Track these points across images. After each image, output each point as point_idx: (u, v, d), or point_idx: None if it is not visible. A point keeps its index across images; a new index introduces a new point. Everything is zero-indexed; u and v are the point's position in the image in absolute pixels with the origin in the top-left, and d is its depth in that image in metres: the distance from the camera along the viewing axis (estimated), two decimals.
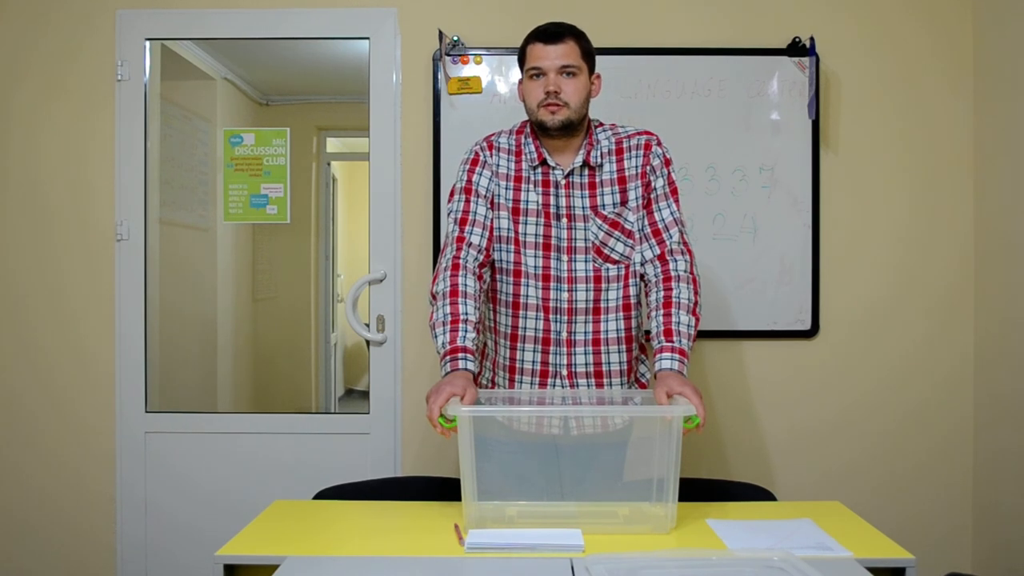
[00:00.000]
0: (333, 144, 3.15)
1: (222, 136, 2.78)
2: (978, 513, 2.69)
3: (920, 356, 2.72)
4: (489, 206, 1.90)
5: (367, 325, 2.74)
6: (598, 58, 1.91)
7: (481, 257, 1.85)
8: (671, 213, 1.90)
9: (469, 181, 1.91)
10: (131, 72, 2.71)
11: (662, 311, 1.80)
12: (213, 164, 2.84)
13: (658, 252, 1.87)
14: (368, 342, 2.75)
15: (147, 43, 2.72)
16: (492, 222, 1.90)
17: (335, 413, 3.08)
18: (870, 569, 1.41)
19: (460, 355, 1.69)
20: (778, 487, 2.69)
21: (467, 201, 1.89)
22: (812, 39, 2.64)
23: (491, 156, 1.92)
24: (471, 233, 1.86)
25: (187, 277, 2.98)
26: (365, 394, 2.79)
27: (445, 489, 1.92)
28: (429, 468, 2.68)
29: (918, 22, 2.71)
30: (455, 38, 2.66)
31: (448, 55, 2.66)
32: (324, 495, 1.92)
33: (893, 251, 2.72)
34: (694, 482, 1.94)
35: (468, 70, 2.67)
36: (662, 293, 1.82)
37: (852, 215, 2.71)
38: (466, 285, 1.78)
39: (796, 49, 2.66)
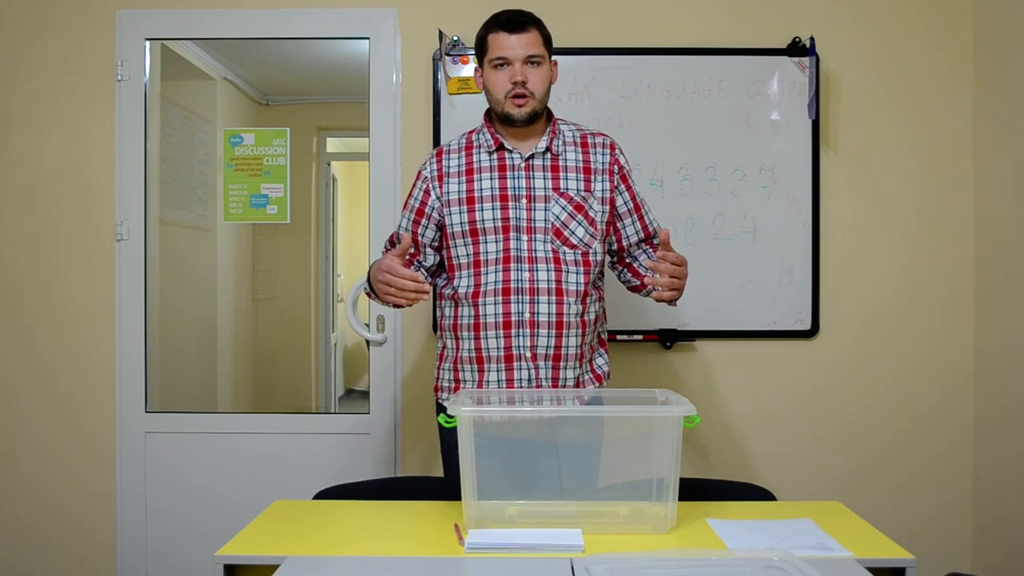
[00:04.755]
0: (333, 144, 3.15)
1: (222, 136, 2.78)
2: (979, 521, 2.68)
3: (920, 357, 2.72)
4: (428, 222, 1.98)
5: (367, 325, 2.74)
6: (597, 58, 1.93)
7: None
8: (653, 216, 2.06)
9: (412, 197, 2.01)
10: (131, 72, 2.71)
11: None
12: (213, 164, 2.84)
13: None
14: (368, 342, 2.75)
15: (147, 43, 2.72)
16: (444, 228, 1.96)
17: (335, 413, 3.08)
18: (870, 569, 1.41)
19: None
20: (778, 487, 2.68)
21: (414, 222, 2.00)
22: (812, 39, 2.64)
23: (439, 165, 1.98)
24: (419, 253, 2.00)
25: (187, 277, 2.99)
26: (365, 394, 2.79)
27: (445, 489, 1.92)
28: (429, 468, 2.68)
29: (918, 22, 2.71)
30: (455, 38, 2.66)
31: (448, 55, 2.66)
32: (324, 495, 1.92)
33: (893, 251, 2.72)
34: (694, 482, 1.94)
35: (468, 70, 2.67)
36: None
37: (852, 215, 2.71)
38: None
39: (796, 49, 2.66)
